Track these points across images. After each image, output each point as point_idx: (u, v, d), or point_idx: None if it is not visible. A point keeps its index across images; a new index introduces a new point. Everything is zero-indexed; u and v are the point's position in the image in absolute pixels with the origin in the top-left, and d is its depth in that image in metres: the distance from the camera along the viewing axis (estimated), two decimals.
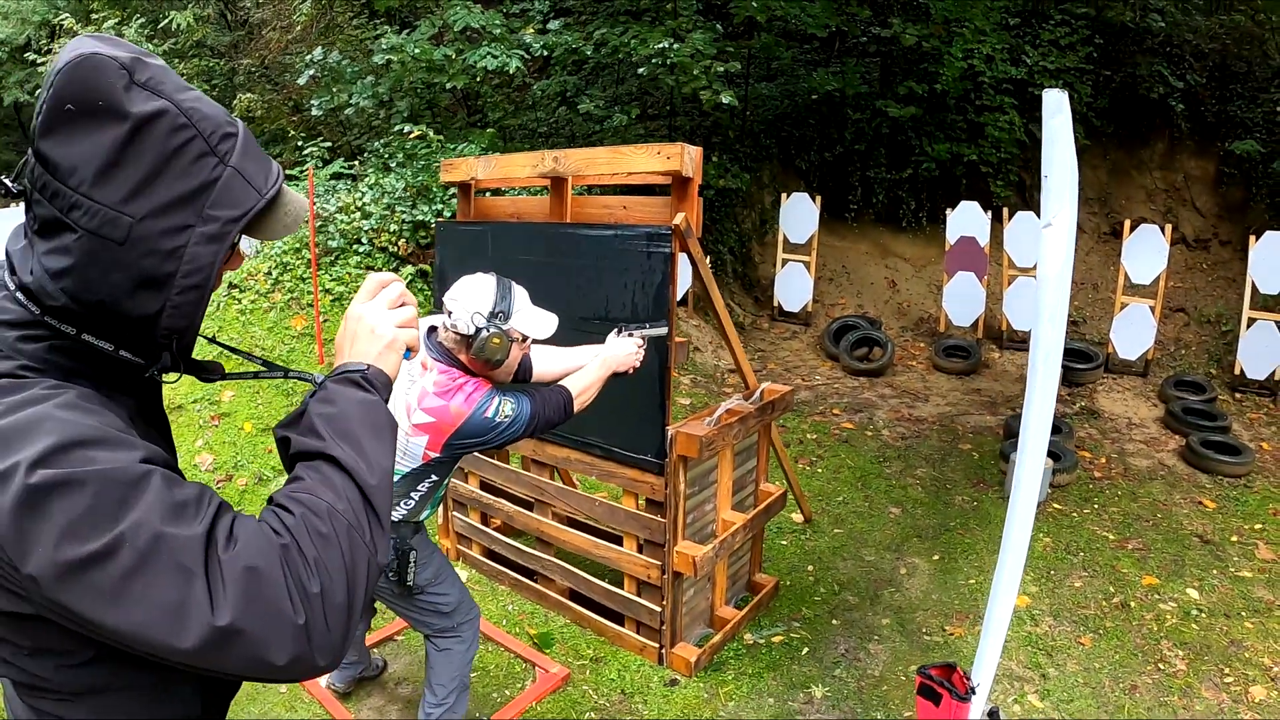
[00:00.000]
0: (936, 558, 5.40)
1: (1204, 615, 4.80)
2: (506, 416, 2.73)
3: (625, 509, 3.99)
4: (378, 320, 1.36)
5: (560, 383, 2.98)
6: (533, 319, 2.83)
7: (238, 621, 0.97)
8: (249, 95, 14.63)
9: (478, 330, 2.69)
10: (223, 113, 1.14)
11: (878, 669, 4.25)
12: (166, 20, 14.80)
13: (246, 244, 2.58)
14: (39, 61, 16.02)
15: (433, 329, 2.88)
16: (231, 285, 8.25)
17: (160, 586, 0.95)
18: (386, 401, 1.31)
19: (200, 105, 1.11)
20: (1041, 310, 2.78)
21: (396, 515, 2.96)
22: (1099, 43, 10.93)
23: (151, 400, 1.29)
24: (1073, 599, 4.93)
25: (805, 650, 4.38)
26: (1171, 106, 10.52)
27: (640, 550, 4.00)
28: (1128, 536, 5.70)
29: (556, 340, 3.06)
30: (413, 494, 2.92)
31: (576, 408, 2.95)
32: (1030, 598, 4.91)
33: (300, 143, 9.87)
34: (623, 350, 3.13)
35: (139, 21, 15.20)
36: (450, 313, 2.74)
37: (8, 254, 1.12)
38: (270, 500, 1.13)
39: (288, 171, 9.39)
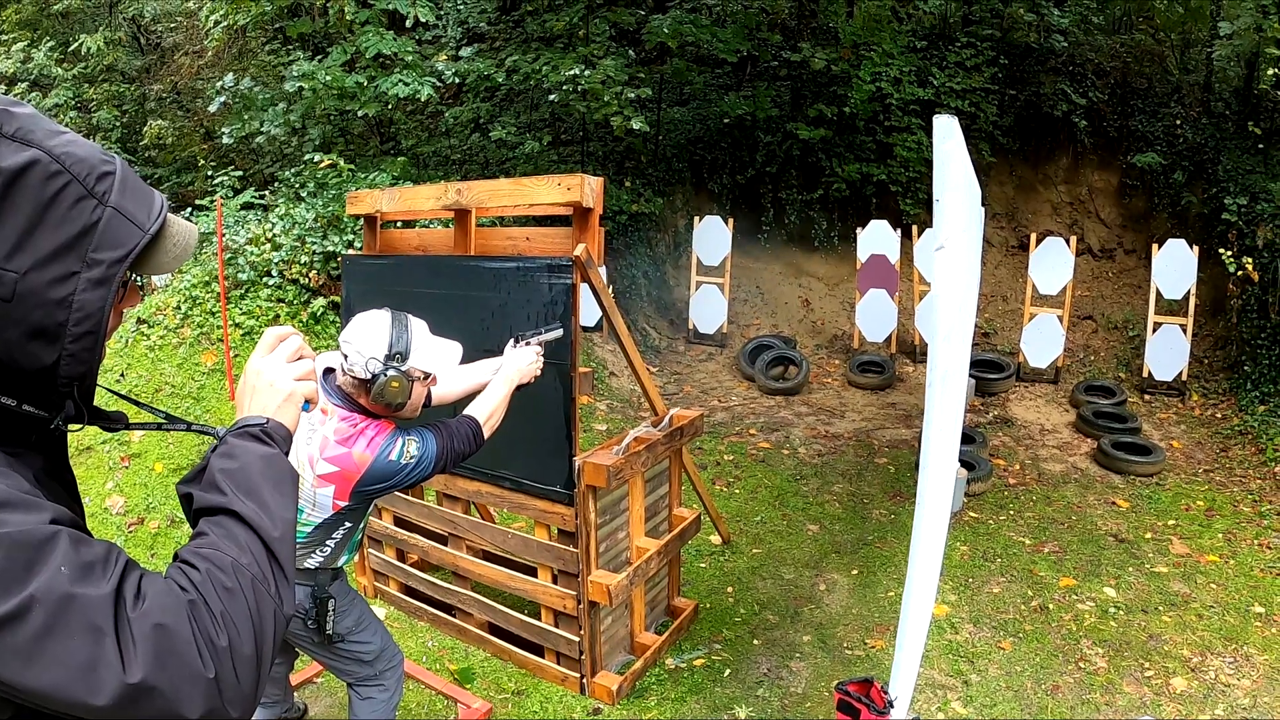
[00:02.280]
0: (855, 572, 5.47)
1: (1122, 612, 4.96)
2: (412, 458, 2.66)
3: (538, 540, 3.98)
4: (276, 374, 1.38)
5: (466, 411, 2.91)
6: (433, 354, 2.75)
7: (149, 678, 0.97)
8: (160, 122, 14.31)
9: (374, 375, 2.61)
10: (98, 152, 1.12)
11: (800, 686, 4.29)
12: (77, 44, 14.42)
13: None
14: None
15: (330, 371, 2.79)
16: (140, 321, 8.03)
17: (72, 646, 0.95)
18: (286, 454, 1.33)
19: (73, 148, 1.08)
20: (937, 329, 2.86)
21: (312, 563, 2.88)
22: (1004, 63, 11.27)
23: (57, 456, 1.26)
24: (992, 605, 5.05)
25: (727, 672, 4.39)
26: (1075, 123, 10.86)
27: (555, 581, 3.98)
28: (1044, 540, 5.87)
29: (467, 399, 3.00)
30: (327, 542, 2.85)
31: (487, 433, 2.89)
32: (949, 606, 5.01)
33: (210, 171, 9.66)
34: (523, 361, 3.08)
35: (48, 44, 14.79)
36: (345, 356, 2.65)
37: None
38: (176, 556, 1.14)
39: (198, 201, 9.19)
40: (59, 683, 0.94)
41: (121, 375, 7.31)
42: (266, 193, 9.16)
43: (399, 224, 7.39)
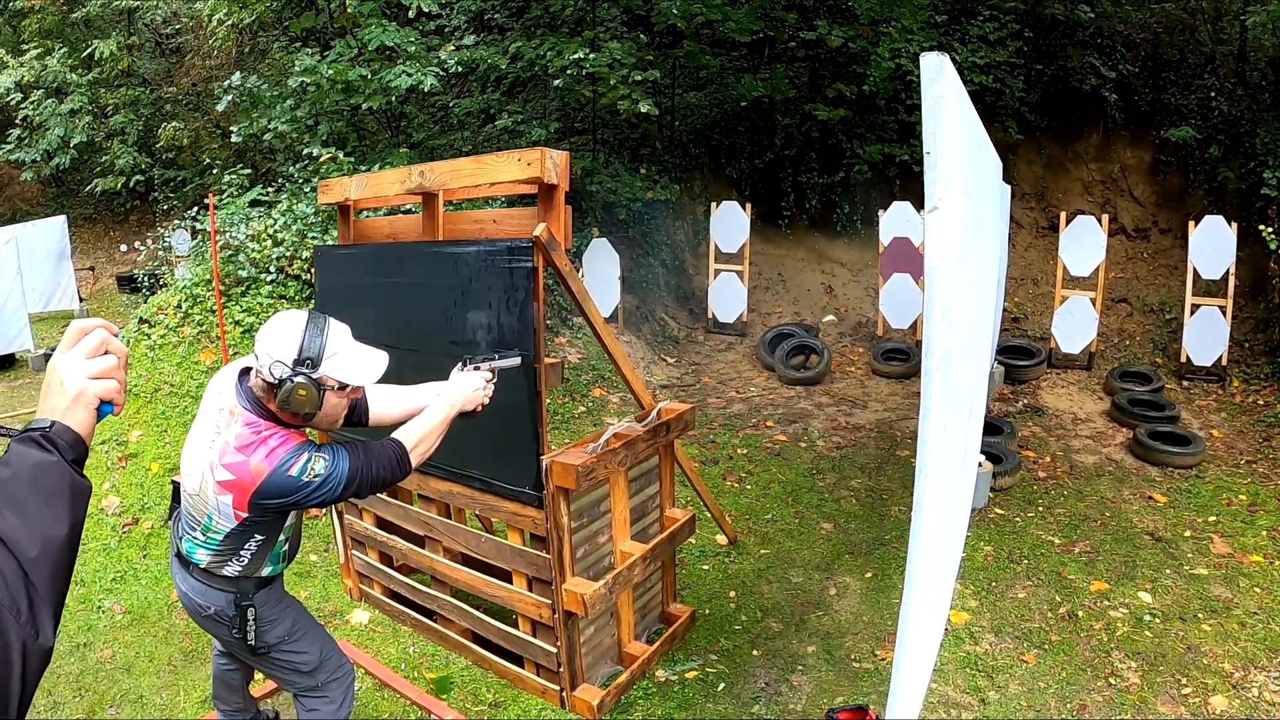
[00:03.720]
0: (869, 575, 5.16)
1: (1158, 620, 4.57)
2: (316, 475, 2.44)
3: (510, 545, 3.72)
4: (69, 372, 1.25)
5: (394, 434, 2.68)
6: (352, 364, 2.53)
7: None
8: (174, 124, 14.30)
9: (280, 380, 2.41)
10: None
11: (800, 703, 3.99)
12: (91, 49, 14.46)
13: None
14: None
15: (245, 371, 2.60)
16: (142, 320, 7.95)
17: None
18: (79, 460, 1.21)
19: None
20: (933, 306, 2.52)
21: (229, 571, 2.70)
22: (1029, 36, 10.87)
23: None
24: (1016, 612, 4.68)
25: (721, 686, 4.11)
26: (1105, 97, 10.46)
27: (530, 588, 3.73)
28: (1074, 539, 5.50)
29: (423, 372, 2.89)
30: (241, 552, 2.66)
31: (415, 460, 2.67)
32: (970, 613, 4.66)
33: (216, 168, 9.57)
34: (468, 386, 2.84)
35: (62, 51, 14.85)
36: (258, 354, 2.45)
37: None
38: None
39: (208, 201, 9.09)
40: None
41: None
42: (272, 190, 9.04)
43: (370, 213, 7.23)
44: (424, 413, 2.76)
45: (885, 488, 6.42)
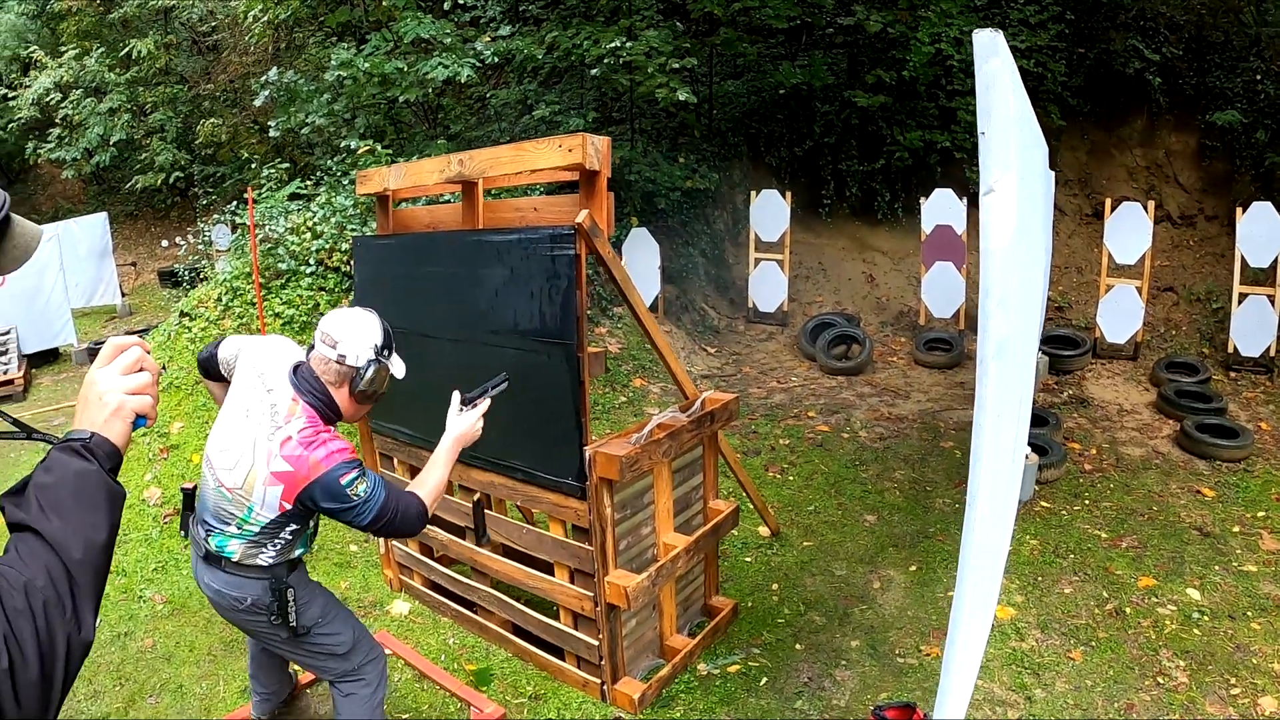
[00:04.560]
0: (914, 568, 5.07)
1: (1206, 618, 4.44)
2: (358, 495, 2.59)
3: (552, 537, 3.69)
4: (107, 386, 1.33)
5: (411, 487, 2.81)
6: (399, 361, 2.91)
7: None
8: (212, 120, 14.43)
9: (369, 363, 2.72)
10: None
11: (844, 699, 3.92)
12: (128, 48, 14.61)
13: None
14: (10, 96, 15.87)
15: (299, 365, 2.80)
16: (183, 314, 8.03)
17: None
18: (113, 470, 1.28)
19: None
20: (990, 291, 2.44)
21: (264, 559, 2.80)
22: (1070, 19, 10.62)
23: None
24: (1062, 607, 4.57)
25: (764, 680, 4.04)
26: (1149, 81, 10.21)
27: (572, 580, 3.69)
28: (1121, 534, 5.36)
29: (464, 362, 3.17)
30: (276, 541, 2.78)
31: (430, 514, 2.80)
32: (1015, 608, 4.55)
33: (255, 163, 9.64)
34: (465, 426, 2.95)
35: (100, 51, 15.02)
36: (337, 343, 2.72)
37: None
38: None
39: (248, 195, 9.16)
40: None
41: (164, 368, 7.25)
42: (310, 183, 9.08)
43: (437, 200, 7.22)
44: (431, 466, 2.88)
45: (929, 479, 6.32)
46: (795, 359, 9.57)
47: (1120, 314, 8.47)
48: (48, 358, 12.01)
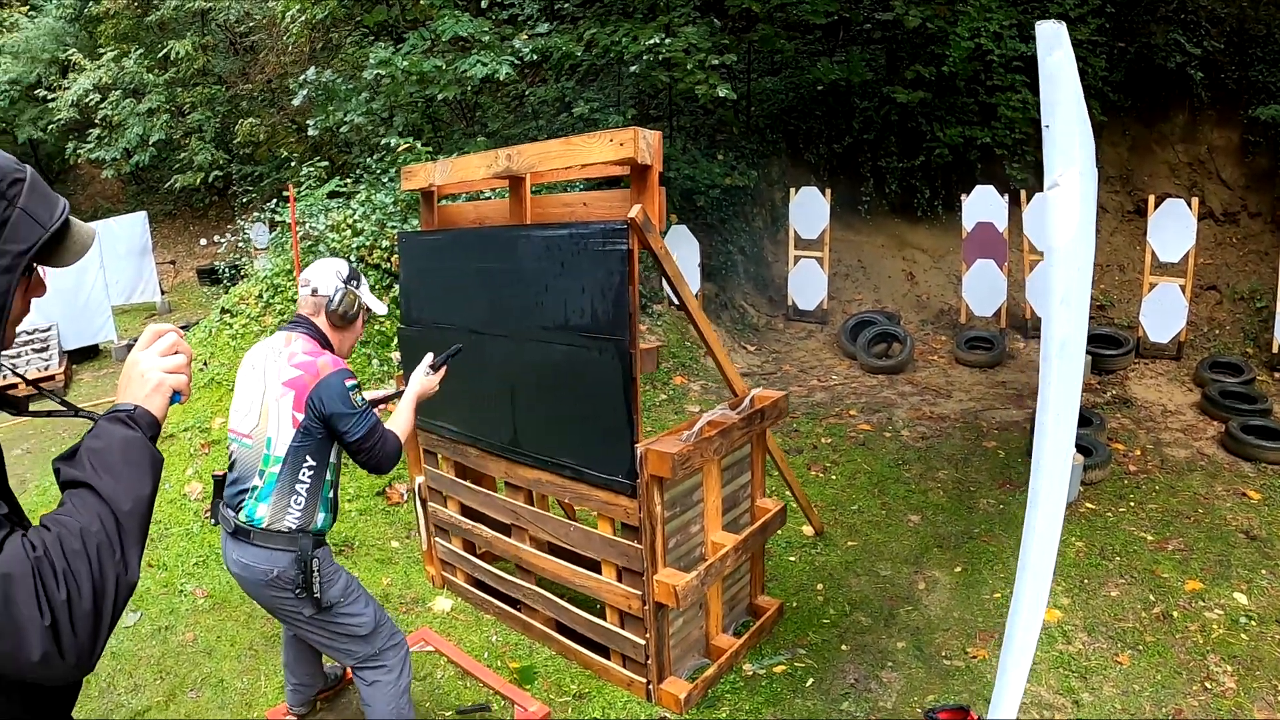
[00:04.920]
0: (959, 569, 5.00)
1: (1254, 623, 4.34)
2: (359, 404, 2.89)
3: (600, 535, 3.65)
4: (149, 366, 1.52)
5: (389, 425, 3.08)
6: (374, 300, 3.23)
7: None
8: (250, 120, 14.56)
9: (336, 290, 3.06)
10: (12, 161, 1.32)
11: (890, 700, 3.86)
12: (166, 49, 14.77)
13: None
14: (50, 98, 16.09)
15: (297, 320, 3.17)
16: (224, 311, 8.08)
17: None
18: (154, 438, 1.47)
19: None
20: (1053, 289, 2.39)
21: (290, 522, 2.95)
22: (1110, 12, 10.48)
23: None
24: (1109, 610, 4.49)
25: (810, 681, 3.99)
26: (1190, 75, 10.04)
27: (619, 579, 3.65)
28: (1167, 536, 5.26)
29: (512, 356, 3.43)
30: (297, 488, 2.94)
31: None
32: (1062, 611, 4.48)
33: (294, 161, 9.69)
34: (429, 384, 3.27)
35: (138, 52, 15.19)
36: (309, 281, 3.10)
37: None
38: (41, 520, 1.29)
39: (287, 194, 9.24)
40: None
41: (204, 364, 7.31)
42: (349, 181, 9.13)
43: (477, 197, 7.21)
44: (400, 412, 3.17)
45: (973, 479, 6.23)
46: (835, 357, 9.50)
47: (1163, 313, 8.33)
48: (88, 354, 12.17)
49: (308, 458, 2.94)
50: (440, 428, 4.41)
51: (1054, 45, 2.28)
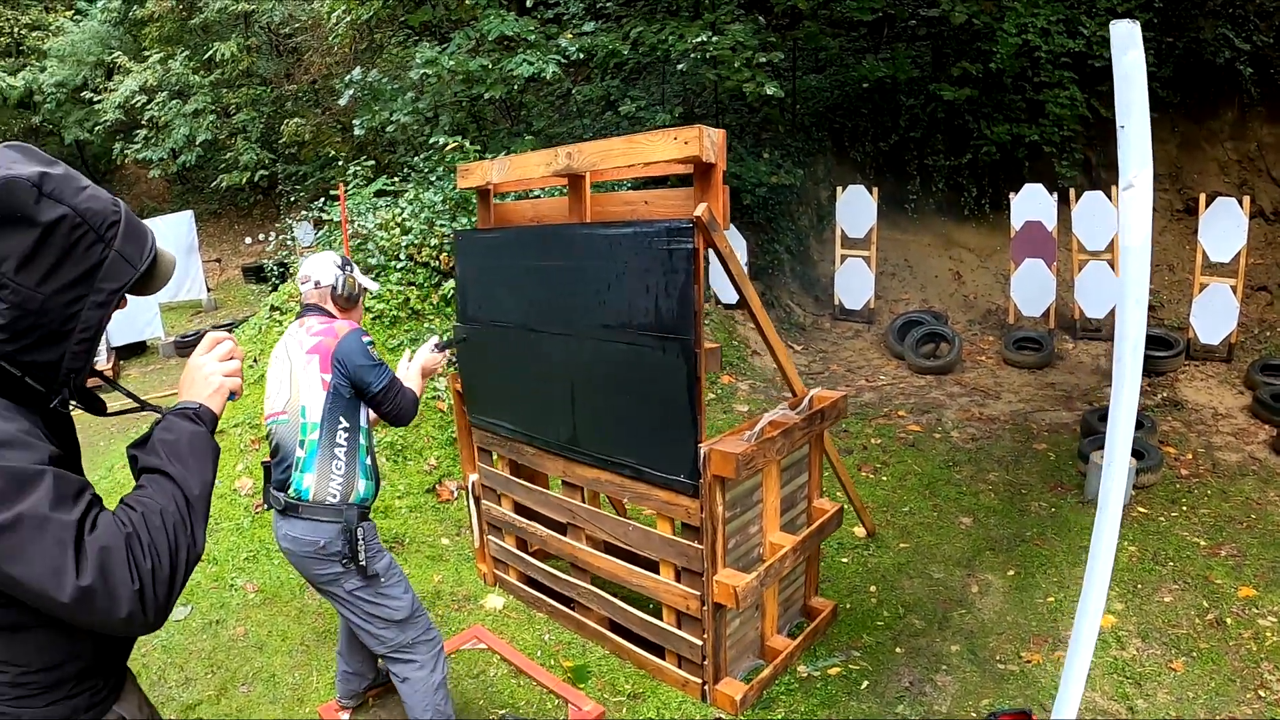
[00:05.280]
0: (1011, 573, 4.94)
1: None
2: (376, 359, 3.12)
3: (660, 535, 3.64)
4: (211, 370, 1.75)
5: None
6: (368, 280, 3.50)
7: (94, 584, 1.35)
8: (296, 120, 14.70)
9: (335, 276, 3.29)
10: (110, 202, 1.50)
11: (945, 704, 3.82)
12: (212, 51, 14.95)
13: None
14: (96, 100, 16.35)
15: (307, 309, 3.36)
16: (273, 309, 8.16)
17: (46, 553, 1.32)
18: (212, 433, 1.69)
19: (92, 203, 1.46)
20: (1128, 290, 2.36)
21: (334, 492, 3.09)
22: (1158, 7, 10.29)
23: (61, 422, 1.63)
24: (1163, 616, 4.42)
25: (865, 684, 3.97)
26: (1239, 71, 9.85)
27: (678, 579, 3.64)
28: (1220, 542, 5.16)
29: (573, 355, 3.53)
30: (336, 451, 3.10)
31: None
32: (1116, 616, 4.41)
33: (340, 161, 9.77)
34: (435, 361, 3.64)
35: (183, 54, 15.38)
36: (308, 277, 3.32)
37: None
38: (122, 500, 1.50)
39: (333, 192, 9.34)
40: (35, 577, 1.32)
41: (254, 361, 7.39)
42: (397, 180, 9.19)
43: (525, 196, 7.22)
44: (409, 382, 3.46)
45: (1023, 482, 6.16)
46: (883, 357, 9.44)
47: (1214, 314, 8.16)
48: (136, 350, 12.35)
49: (341, 419, 3.11)
50: (496, 425, 4.42)
51: (1128, 45, 2.25)
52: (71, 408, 1.65)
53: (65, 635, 1.55)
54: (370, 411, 3.27)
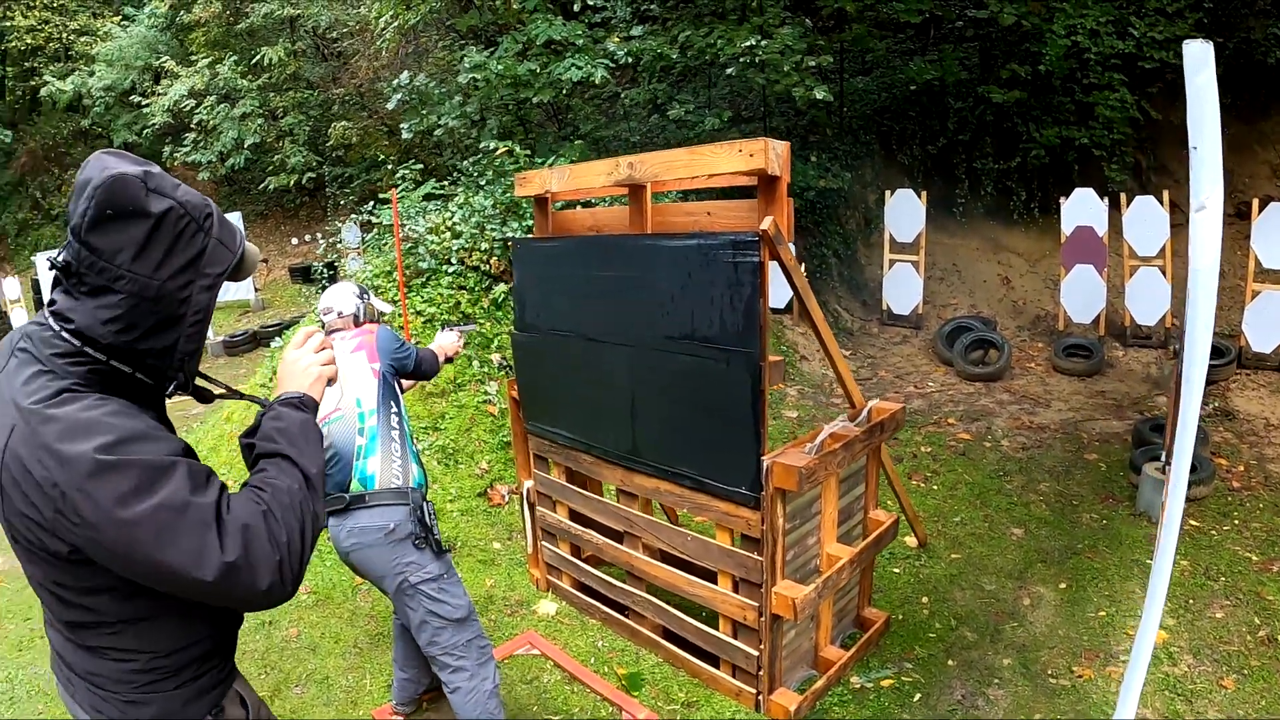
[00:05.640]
0: (1063, 586, 4.88)
1: None
2: (404, 343, 3.56)
3: (719, 545, 3.65)
4: (309, 362, 1.90)
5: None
6: (382, 303, 3.93)
7: (239, 560, 1.47)
8: (343, 123, 14.87)
9: (355, 304, 3.70)
10: (201, 198, 1.61)
11: (997, 718, 3.80)
12: (259, 56, 15.16)
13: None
14: (144, 104, 16.64)
15: (330, 331, 3.67)
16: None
17: (189, 536, 1.43)
18: (315, 418, 1.86)
19: (190, 197, 1.57)
20: (1197, 312, 2.36)
21: (396, 474, 3.25)
22: (1208, 7, 10.12)
23: (162, 414, 1.73)
24: (1214, 633, 4.35)
25: (917, 696, 3.95)
26: None
27: (736, 589, 3.65)
28: (1272, 557, 5.06)
29: (635, 367, 3.70)
30: (392, 434, 3.30)
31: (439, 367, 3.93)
32: (1167, 632, 4.34)
33: (391, 166, 9.87)
34: (454, 342, 4.09)
35: (232, 59, 15.62)
36: (330, 309, 3.68)
37: (60, 312, 1.54)
38: (246, 483, 1.65)
39: (381, 195, 9.46)
40: (180, 561, 1.43)
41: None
42: (446, 183, 9.27)
43: (578, 205, 7.26)
44: (437, 353, 3.94)
45: (1075, 493, 6.09)
46: (931, 363, 9.36)
47: (1267, 321, 7.98)
48: None
49: (391, 403, 3.35)
50: (553, 433, 4.45)
51: (1201, 65, 2.25)
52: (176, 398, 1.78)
53: (189, 620, 1.70)
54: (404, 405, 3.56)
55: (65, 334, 1.53)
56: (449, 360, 4.04)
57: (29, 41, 21.98)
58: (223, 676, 1.82)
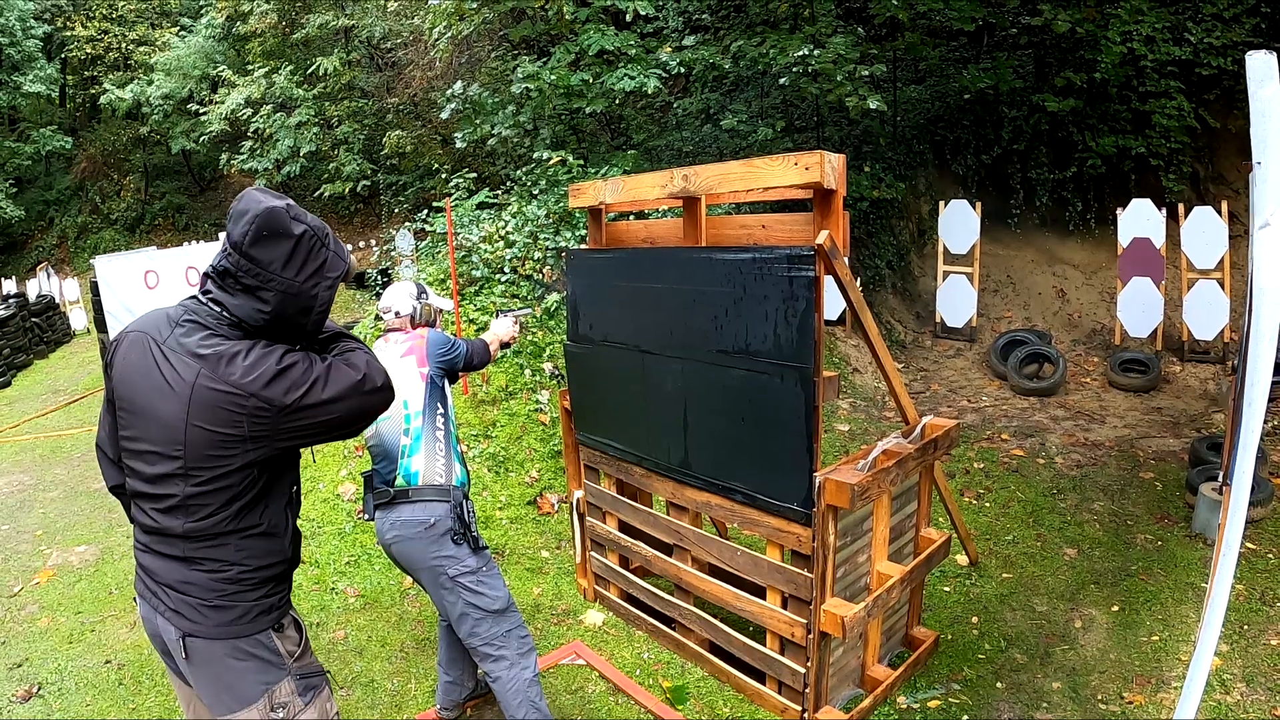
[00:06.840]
0: (1115, 608, 4.77)
1: None
2: (452, 342, 3.60)
3: (768, 560, 3.63)
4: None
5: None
6: (440, 300, 3.90)
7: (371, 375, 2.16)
8: (398, 132, 15.07)
9: (412, 305, 3.71)
10: (320, 222, 2.12)
11: None
12: (315, 66, 15.43)
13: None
14: (201, 112, 17.01)
15: (389, 331, 3.77)
16: (378, 316, 8.37)
17: (345, 373, 2.11)
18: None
19: (316, 222, 2.09)
20: (1261, 331, 2.30)
21: (439, 475, 3.37)
22: (1265, 12, 9.85)
23: None
24: (1269, 660, 4.19)
25: (964, 718, 3.89)
26: None
27: (784, 606, 3.63)
28: None
29: (688, 380, 3.76)
30: (437, 434, 3.41)
31: (492, 355, 3.95)
32: (1220, 658, 4.20)
33: (445, 174, 9.98)
34: (508, 329, 4.13)
35: (288, 69, 15.91)
36: (389, 308, 3.74)
37: (219, 301, 2.06)
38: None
39: (435, 203, 9.62)
40: (342, 386, 2.07)
41: None
42: (499, 192, 9.35)
43: (631, 216, 7.29)
44: (489, 339, 3.97)
45: (1129, 513, 5.95)
46: (984, 377, 9.24)
47: None
48: None
49: (438, 405, 3.45)
50: (605, 445, 4.47)
51: (1265, 78, 2.22)
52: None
53: (273, 539, 2.18)
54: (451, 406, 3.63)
55: (225, 316, 2.04)
56: (505, 346, 4.14)
57: (89, 51, 22.63)
58: (286, 600, 2.29)
